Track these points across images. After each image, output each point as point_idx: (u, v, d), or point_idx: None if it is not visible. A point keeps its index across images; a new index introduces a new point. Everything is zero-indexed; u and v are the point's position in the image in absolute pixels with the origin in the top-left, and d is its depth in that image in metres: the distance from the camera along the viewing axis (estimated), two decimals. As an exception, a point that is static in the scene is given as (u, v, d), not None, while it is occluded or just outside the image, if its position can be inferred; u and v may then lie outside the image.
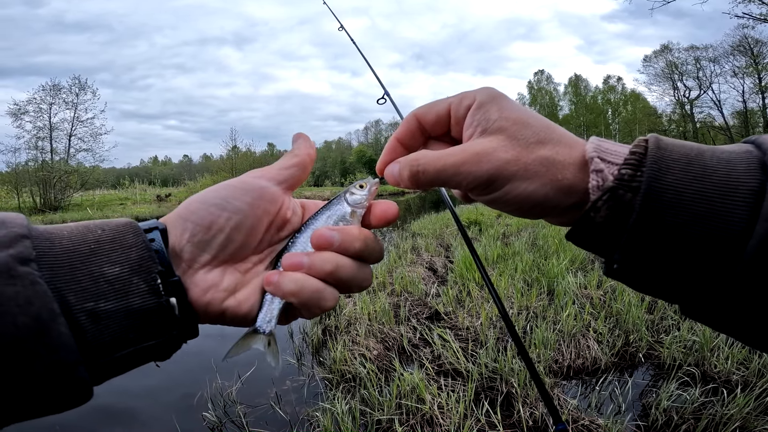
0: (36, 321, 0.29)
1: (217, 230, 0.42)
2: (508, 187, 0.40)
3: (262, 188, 0.45)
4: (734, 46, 34.01)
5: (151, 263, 0.37)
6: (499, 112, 0.41)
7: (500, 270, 5.72)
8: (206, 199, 0.43)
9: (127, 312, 0.35)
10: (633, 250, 0.36)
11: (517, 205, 0.41)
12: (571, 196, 0.40)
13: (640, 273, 0.37)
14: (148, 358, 0.38)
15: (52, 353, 0.30)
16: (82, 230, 0.37)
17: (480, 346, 3.80)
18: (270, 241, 0.47)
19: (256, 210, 0.44)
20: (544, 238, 7.93)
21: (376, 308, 4.59)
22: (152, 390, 3.71)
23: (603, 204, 0.36)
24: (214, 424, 3.17)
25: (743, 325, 0.35)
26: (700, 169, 0.34)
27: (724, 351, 3.40)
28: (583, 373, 3.60)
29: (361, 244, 0.45)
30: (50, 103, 29.84)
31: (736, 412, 2.68)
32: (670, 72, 41.26)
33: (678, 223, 0.34)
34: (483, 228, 10.18)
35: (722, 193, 0.33)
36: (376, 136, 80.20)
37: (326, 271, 0.43)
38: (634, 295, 4.45)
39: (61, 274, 0.33)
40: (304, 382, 3.76)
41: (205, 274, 0.42)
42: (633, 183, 0.35)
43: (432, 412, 2.86)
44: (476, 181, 0.41)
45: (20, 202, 25.32)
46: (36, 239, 0.33)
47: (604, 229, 0.37)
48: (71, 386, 0.32)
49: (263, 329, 0.44)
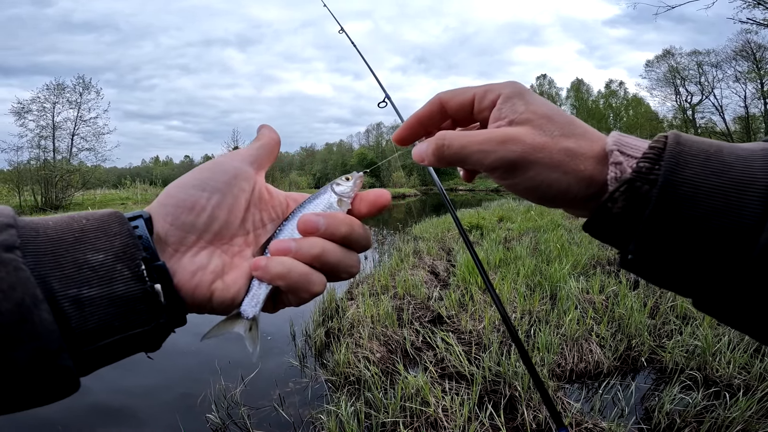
0: (18, 307, 0.29)
1: (200, 209, 0.43)
2: (533, 173, 0.41)
3: (236, 167, 0.47)
4: (737, 51, 33.95)
5: (135, 250, 0.37)
6: (526, 106, 0.43)
7: (502, 274, 5.74)
8: (185, 182, 0.44)
9: (110, 298, 0.35)
10: (648, 241, 0.36)
11: (539, 192, 0.43)
12: (590, 187, 0.41)
13: (654, 265, 0.38)
14: (136, 348, 0.38)
15: (34, 340, 0.29)
16: (67, 220, 0.37)
17: (483, 349, 3.82)
18: (253, 222, 0.49)
19: (233, 188, 0.45)
20: (546, 243, 7.93)
21: (379, 311, 4.60)
22: (155, 391, 3.72)
23: (620, 195, 0.37)
24: (217, 426, 3.18)
25: (753, 320, 0.36)
26: (718, 165, 0.35)
27: (726, 355, 3.42)
28: (586, 376, 3.61)
29: (347, 228, 0.46)
30: (54, 102, 29.85)
31: (738, 416, 2.70)
32: (672, 77, 41.23)
33: (694, 216, 0.34)
34: (485, 232, 10.18)
35: (738, 189, 0.34)
36: (377, 139, 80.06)
37: (313, 254, 0.44)
38: (636, 300, 4.46)
39: (45, 261, 0.33)
40: (308, 384, 3.77)
41: (192, 257, 0.43)
42: (651, 176, 0.36)
43: (436, 414, 2.87)
44: (500, 161, 0.42)
45: (21, 200, 25.30)
46: (21, 229, 0.33)
47: (621, 220, 0.38)
48: (55, 375, 0.31)
49: (247, 314, 0.44)
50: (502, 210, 15.18)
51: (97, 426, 3.27)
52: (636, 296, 4.71)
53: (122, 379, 3.76)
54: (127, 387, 3.71)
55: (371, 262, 8.10)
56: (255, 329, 0.45)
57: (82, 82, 31.10)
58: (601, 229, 0.40)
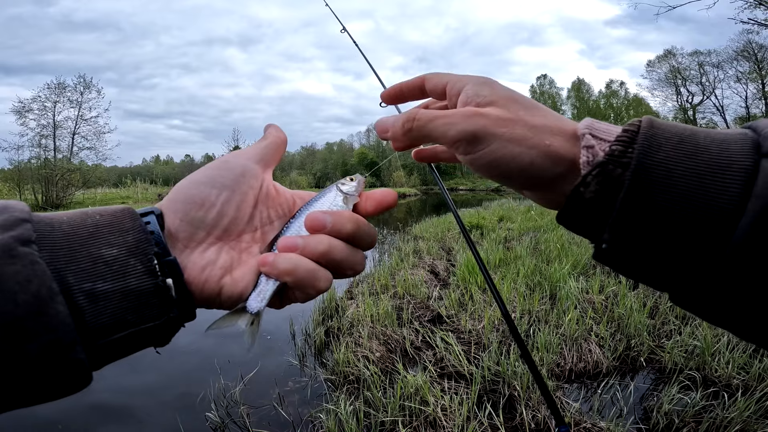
0: (35, 298, 0.30)
1: (210, 206, 0.44)
2: (494, 146, 0.42)
3: (243, 165, 0.48)
4: (738, 51, 34.00)
5: (147, 245, 0.38)
6: (492, 90, 0.44)
7: (502, 274, 5.74)
8: (195, 179, 0.45)
9: (124, 292, 0.35)
10: (622, 228, 0.35)
11: (501, 168, 0.42)
12: (557, 165, 0.40)
13: (628, 255, 0.36)
14: (147, 342, 0.38)
15: (49, 332, 0.30)
16: (80, 216, 0.38)
17: (482, 349, 3.82)
18: (261, 219, 0.49)
19: (241, 185, 0.46)
20: (546, 243, 7.94)
21: (378, 310, 4.61)
22: (155, 390, 3.73)
23: (593, 179, 0.36)
24: (217, 425, 3.19)
25: (732, 314, 0.35)
26: (692, 148, 0.34)
27: (725, 356, 3.42)
28: (585, 376, 3.62)
29: (353, 226, 0.46)
30: (55, 101, 29.88)
31: (737, 416, 2.70)
32: (673, 77, 41.27)
33: (667, 199, 0.33)
34: (485, 232, 10.19)
35: (713, 171, 0.33)
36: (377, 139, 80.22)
37: (320, 251, 0.44)
38: (635, 300, 4.47)
39: (60, 255, 0.33)
40: (307, 383, 3.77)
41: (202, 252, 0.44)
42: (623, 159, 0.35)
43: (435, 414, 2.88)
44: (463, 133, 0.43)
45: (22, 199, 25.30)
46: (37, 223, 0.34)
47: (594, 206, 0.37)
48: (68, 368, 0.32)
49: (252, 308, 0.45)
50: (503, 210, 15.19)
51: (97, 425, 3.28)
52: (636, 296, 4.72)
53: (122, 378, 3.76)
54: (127, 386, 3.72)
55: (371, 262, 8.10)
56: (256, 324, 0.46)
57: (83, 81, 31.20)
58: (575, 217, 0.39)
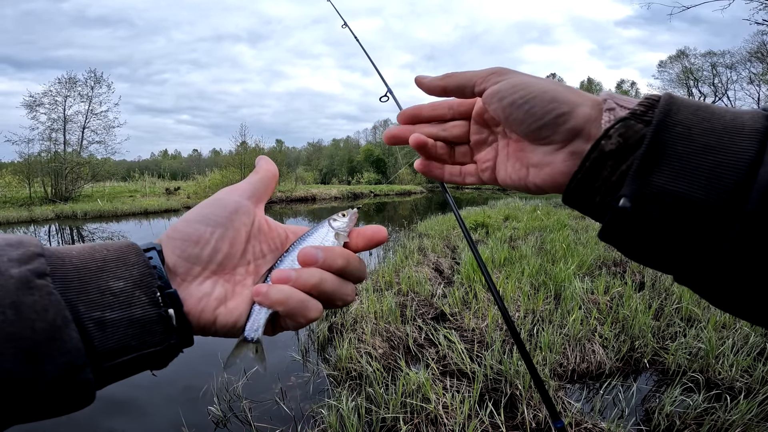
0: (51, 326, 0.33)
1: (204, 243, 0.47)
2: (521, 77, 0.47)
3: (236, 202, 0.51)
4: (752, 52, 33.44)
5: (151, 278, 0.42)
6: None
7: (507, 273, 5.73)
8: (190, 218, 0.48)
9: (129, 321, 0.39)
10: (641, 183, 0.36)
11: (525, 92, 0.45)
12: (578, 114, 0.42)
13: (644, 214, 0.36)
14: (147, 366, 0.42)
15: (63, 355, 0.34)
16: (89, 250, 0.41)
17: (485, 347, 3.83)
18: (254, 253, 0.52)
19: (234, 222, 0.49)
20: (551, 243, 7.91)
21: (382, 307, 4.62)
22: (159, 383, 3.77)
23: (615, 132, 0.38)
24: (218, 418, 3.23)
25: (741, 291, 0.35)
26: (708, 114, 0.37)
27: (729, 358, 3.40)
28: (588, 377, 3.61)
29: (344, 261, 0.49)
30: (65, 95, 30.04)
31: (738, 418, 2.69)
32: (685, 78, 40.74)
33: (687, 151, 0.35)
34: (490, 231, 10.17)
35: (729, 132, 0.35)
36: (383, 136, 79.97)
37: (311, 283, 0.47)
38: (641, 302, 4.45)
39: (72, 287, 0.37)
40: (309, 379, 3.80)
41: (198, 285, 0.47)
42: (645, 117, 0.38)
43: (437, 411, 2.89)
44: (492, 68, 0.49)
45: (31, 192, 25.64)
46: (49, 257, 0.37)
47: (614, 158, 0.38)
48: (78, 387, 0.35)
49: (251, 337, 0.48)
50: (508, 209, 15.13)
51: (101, 418, 3.32)
52: (641, 298, 4.70)
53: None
54: (130, 379, 3.62)
55: (376, 259, 8.12)
56: (261, 350, 0.50)
57: (93, 76, 31.31)
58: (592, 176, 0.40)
